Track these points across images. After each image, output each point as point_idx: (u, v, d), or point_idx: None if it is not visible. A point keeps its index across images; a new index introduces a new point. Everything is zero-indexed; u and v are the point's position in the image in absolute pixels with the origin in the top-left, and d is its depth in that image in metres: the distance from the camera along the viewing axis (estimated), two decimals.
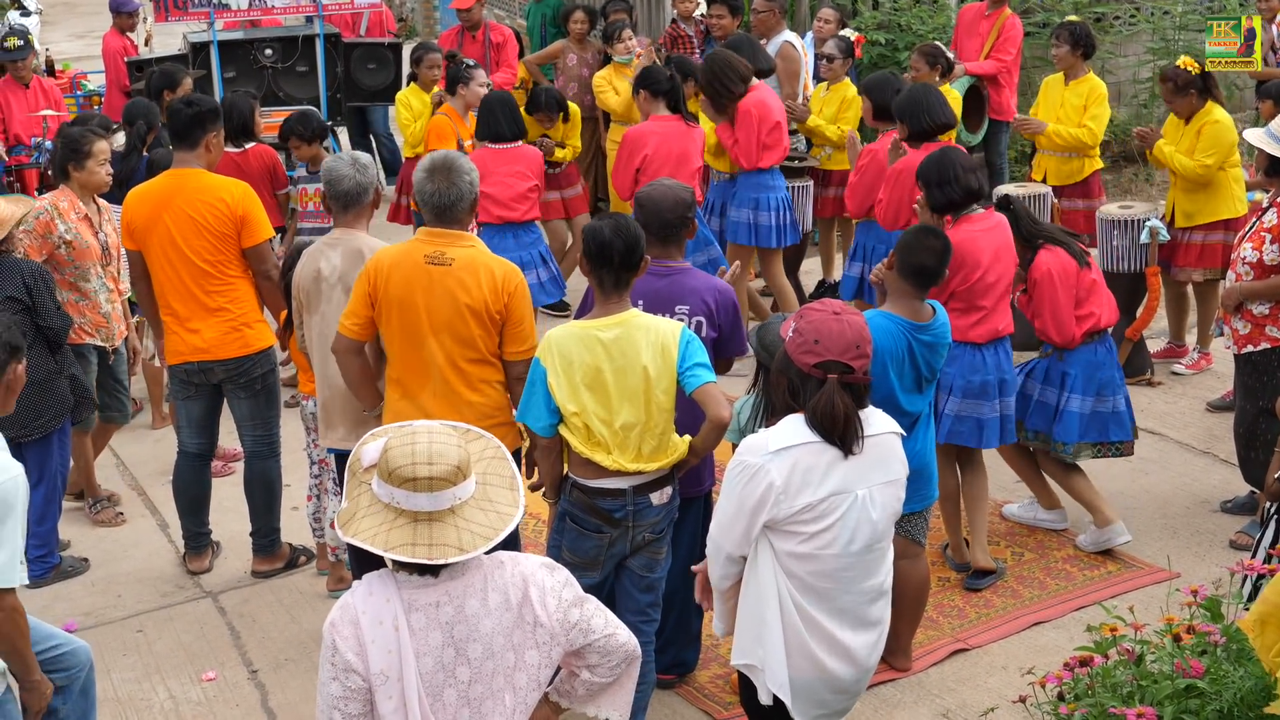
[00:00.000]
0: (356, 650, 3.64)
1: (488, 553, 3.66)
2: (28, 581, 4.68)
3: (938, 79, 9.69)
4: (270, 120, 11.66)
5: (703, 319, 5.89)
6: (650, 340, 5.24)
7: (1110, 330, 7.34)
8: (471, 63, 10.32)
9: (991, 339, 6.77)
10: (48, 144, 10.57)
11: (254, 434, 7.33)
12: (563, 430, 5.31)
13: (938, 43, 10.64)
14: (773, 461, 4.37)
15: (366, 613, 3.66)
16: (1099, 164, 9.97)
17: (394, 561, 3.66)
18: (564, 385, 5.24)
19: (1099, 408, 7.19)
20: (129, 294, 8.04)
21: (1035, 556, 7.25)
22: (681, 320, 5.79)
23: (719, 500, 4.55)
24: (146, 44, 16.08)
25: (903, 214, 7.90)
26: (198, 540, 7.52)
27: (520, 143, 9.35)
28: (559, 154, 10.66)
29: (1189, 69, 8.85)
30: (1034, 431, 7.33)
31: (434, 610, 3.66)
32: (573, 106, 10.93)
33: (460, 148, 9.54)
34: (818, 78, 10.86)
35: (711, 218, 9.82)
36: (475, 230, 7.35)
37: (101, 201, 8.01)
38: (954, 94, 10.17)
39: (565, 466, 5.49)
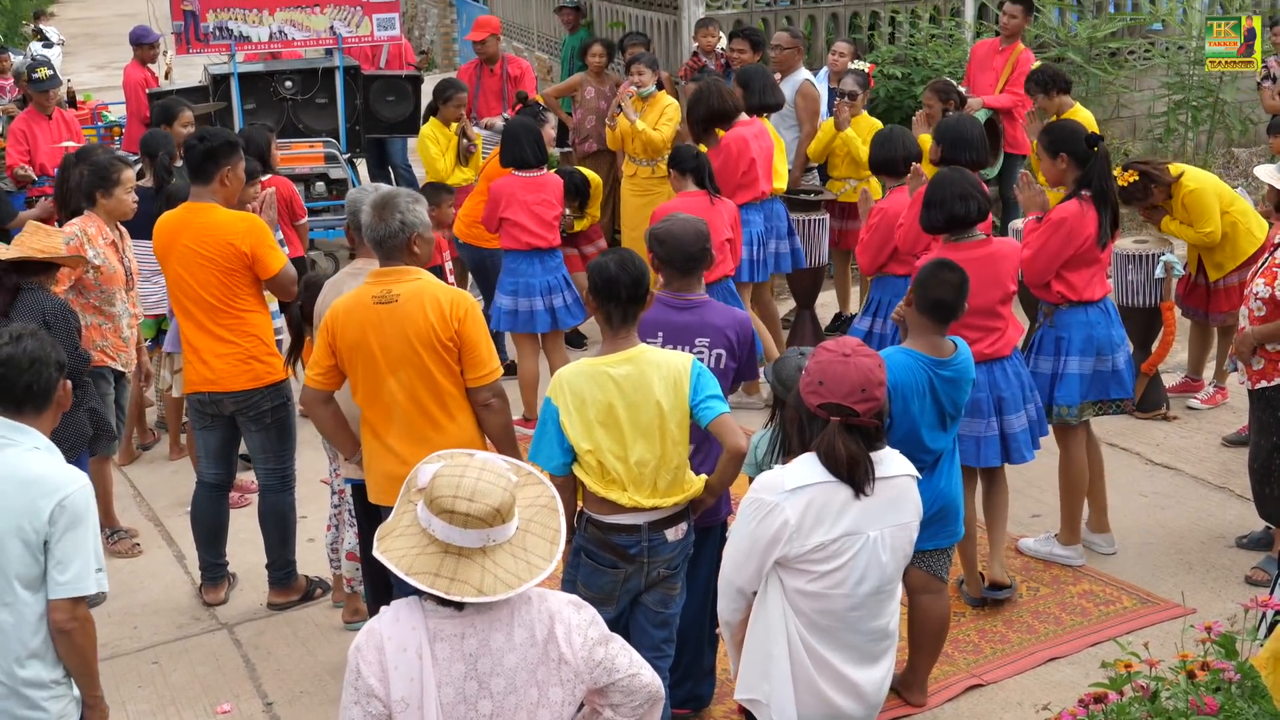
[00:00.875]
0: (379, 676, 3.66)
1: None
2: (106, 590, 4.69)
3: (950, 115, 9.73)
4: (289, 152, 11.77)
5: (723, 351, 5.91)
6: (662, 375, 5.25)
7: (1100, 301, 7.34)
8: (542, 106, 10.31)
9: (981, 360, 6.69)
10: None
11: (266, 467, 7.35)
12: (577, 469, 5.31)
13: (949, 79, 10.68)
14: (788, 500, 4.38)
15: (392, 639, 3.68)
16: None
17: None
18: (577, 423, 5.24)
19: (1099, 367, 7.29)
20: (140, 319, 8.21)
21: (1051, 591, 7.25)
22: (702, 353, 5.81)
23: (732, 535, 4.57)
24: (166, 77, 16.20)
25: (880, 257, 8.05)
26: (214, 572, 7.54)
27: (544, 170, 9.40)
28: (577, 225, 10.69)
29: (1126, 182, 8.75)
30: (1047, 405, 7.41)
31: (459, 641, 3.67)
32: (593, 176, 10.87)
33: None
34: (831, 112, 10.92)
35: None
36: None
37: (122, 227, 8.10)
38: None
39: (580, 502, 5.50)
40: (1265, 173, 7.48)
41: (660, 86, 11.26)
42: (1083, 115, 9.79)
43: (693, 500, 5.47)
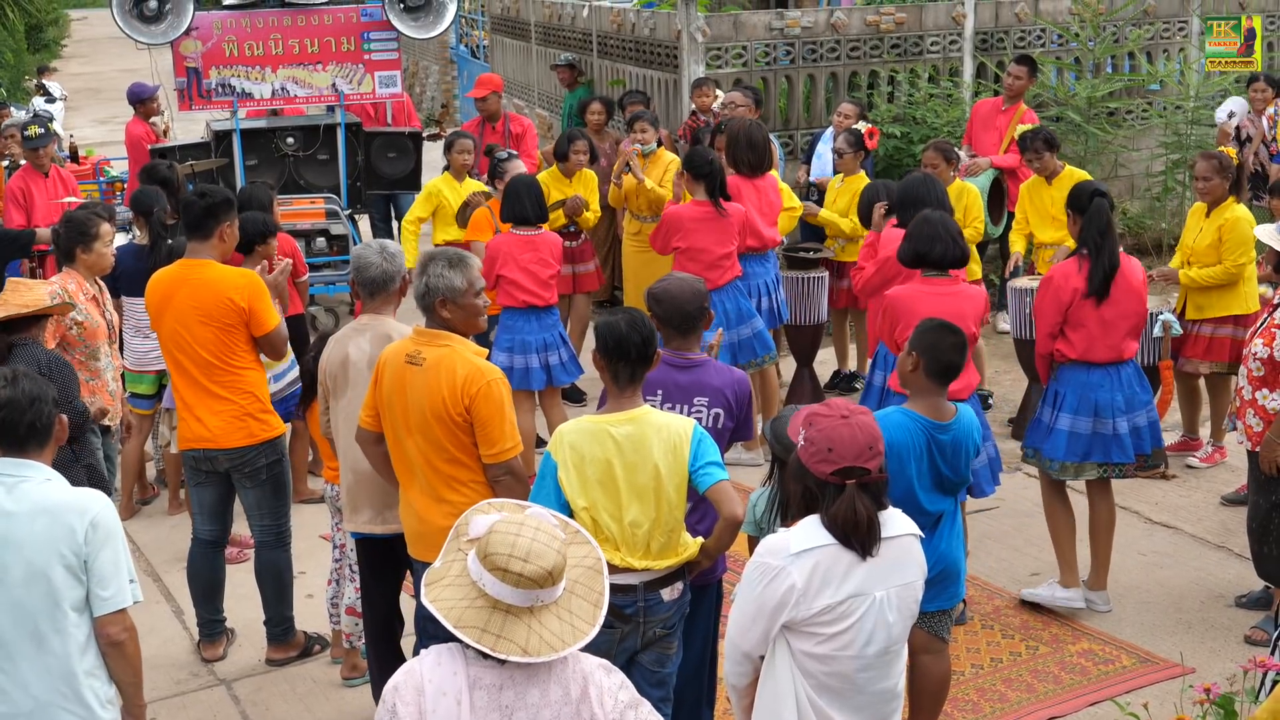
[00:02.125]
0: (416, 717, 3.69)
1: None
2: (140, 599, 4.82)
3: (952, 174, 9.89)
4: (290, 208, 11.82)
5: (721, 411, 5.90)
6: (662, 438, 5.25)
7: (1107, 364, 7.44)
8: (506, 154, 10.42)
9: None
10: None
11: (261, 524, 7.34)
12: None
13: (948, 140, 10.78)
14: (794, 564, 4.36)
15: (432, 682, 3.71)
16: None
17: None
18: (574, 480, 5.24)
19: (1098, 429, 7.39)
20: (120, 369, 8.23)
21: (1050, 650, 7.24)
22: (701, 412, 5.81)
23: (736, 600, 4.54)
24: (165, 134, 16.29)
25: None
26: (212, 628, 7.53)
27: (543, 228, 9.44)
28: (586, 215, 10.87)
29: (1231, 157, 8.95)
30: (1032, 449, 7.62)
31: (496, 692, 3.70)
32: (588, 172, 11.09)
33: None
34: (833, 170, 11.04)
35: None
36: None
37: (100, 282, 8.12)
38: (972, 188, 10.32)
39: None
40: (1266, 233, 7.52)
41: (660, 144, 11.35)
42: (1077, 177, 9.89)
43: (688, 562, 5.46)
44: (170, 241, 8.60)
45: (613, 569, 5.21)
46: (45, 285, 7.50)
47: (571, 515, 5.25)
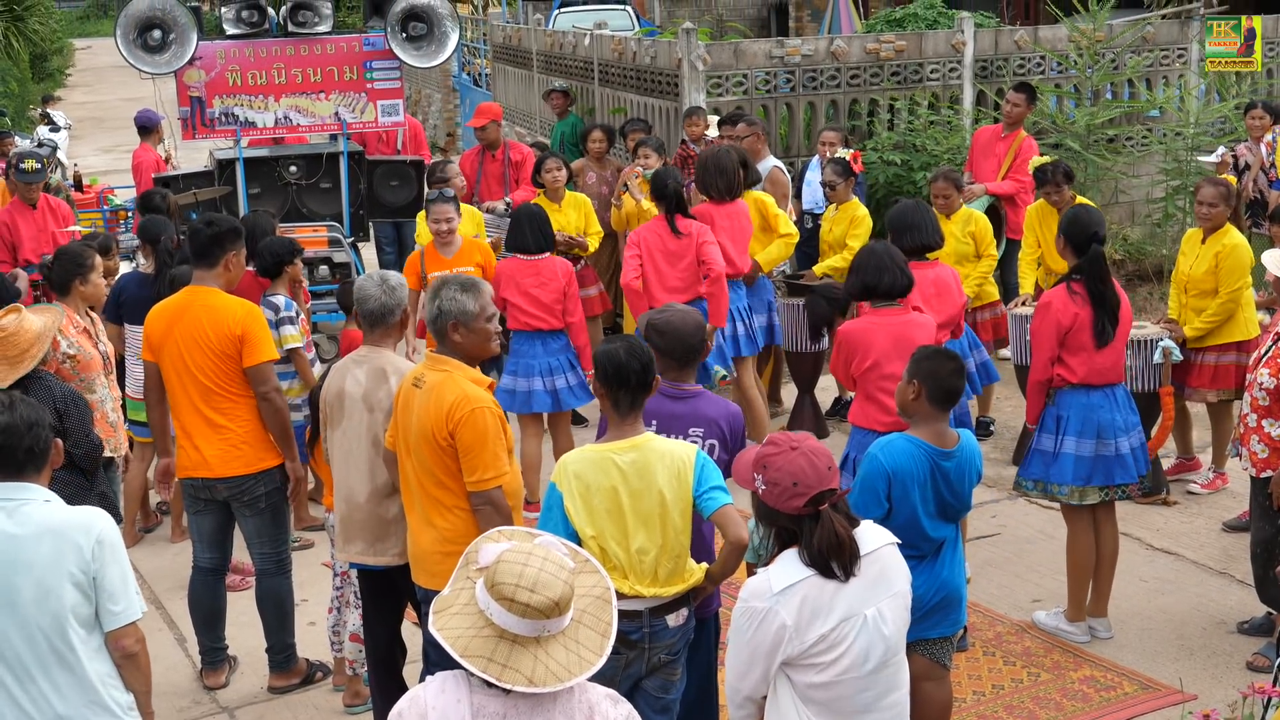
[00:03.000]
0: None
1: None
2: (145, 609, 4.90)
3: (960, 202, 10.15)
4: (293, 237, 11.83)
5: (716, 442, 5.91)
6: (666, 464, 5.27)
7: (1104, 386, 7.48)
8: (436, 194, 10.26)
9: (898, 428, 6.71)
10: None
11: (261, 551, 7.35)
12: None
13: (953, 168, 10.84)
14: (780, 603, 4.36)
15: (436, 709, 3.71)
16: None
17: None
18: (581, 509, 5.26)
19: (1101, 451, 7.40)
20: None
21: (1052, 677, 7.24)
22: (695, 443, 5.81)
23: (730, 646, 4.53)
24: (168, 161, 16.34)
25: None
26: (214, 655, 7.54)
27: (547, 254, 9.49)
28: (587, 239, 11.02)
29: (1233, 184, 9.00)
30: (1032, 481, 7.59)
31: None
32: (580, 197, 11.19)
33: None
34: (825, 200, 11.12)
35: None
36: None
37: (94, 314, 8.12)
38: (980, 216, 10.36)
39: None
40: (1271, 260, 7.53)
41: None
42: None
43: (693, 588, 5.47)
44: (173, 270, 8.63)
45: (620, 596, 5.23)
46: (37, 318, 7.36)
47: (580, 544, 5.26)
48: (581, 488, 5.27)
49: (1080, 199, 10.14)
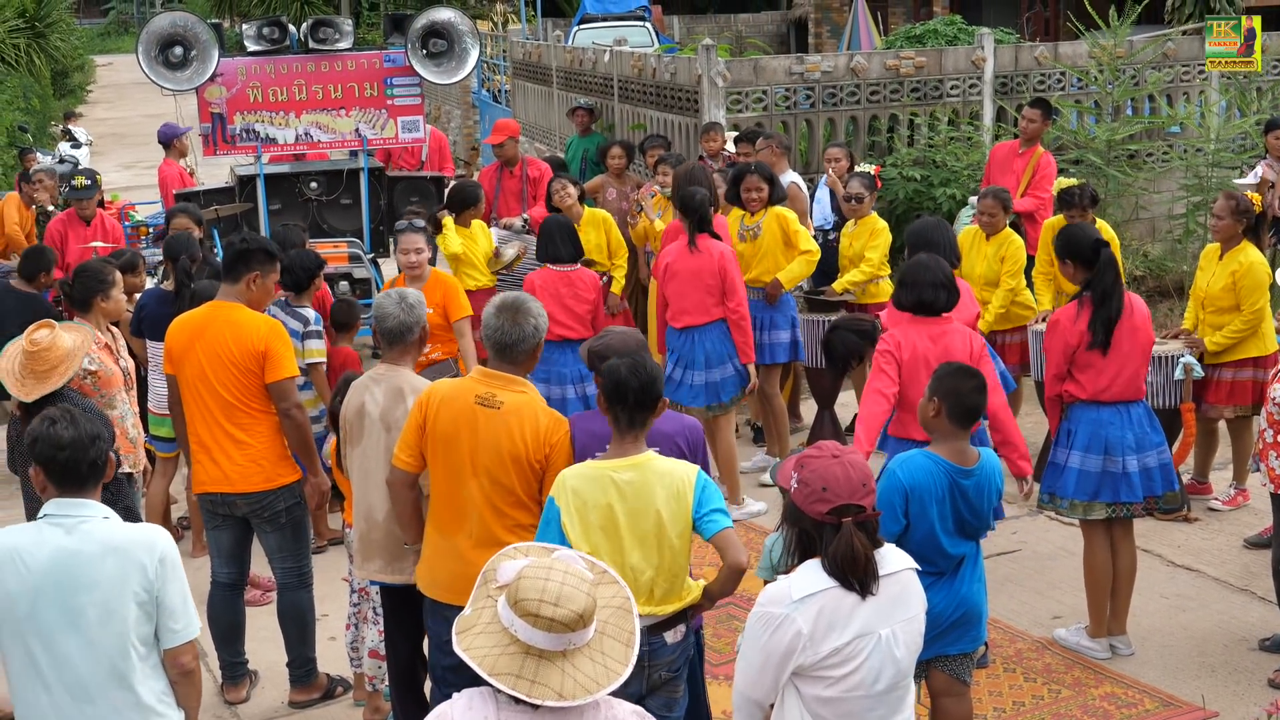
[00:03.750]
0: None
1: None
2: (200, 626, 4.89)
3: (1005, 221, 10.17)
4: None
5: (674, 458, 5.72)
6: (665, 485, 5.22)
7: (1117, 403, 7.47)
8: (405, 224, 10.19)
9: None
10: None
11: (283, 566, 7.36)
12: None
13: (1002, 188, 10.74)
14: (798, 610, 4.37)
15: None
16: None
17: None
18: (577, 525, 5.21)
19: (1109, 467, 7.41)
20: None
21: (1073, 694, 7.22)
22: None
23: (742, 651, 4.52)
24: (191, 176, 16.43)
25: None
26: (234, 670, 7.54)
27: (578, 265, 9.59)
28: (616, 272, 11.01)
29: (1254, 201, 8.96)
30: (1048, 494, 7.62)
31: None
32: (602, 213, 11.22)
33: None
34: (838, 214, 11.14)
35: None
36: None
37: (114, 329, 8.14)
38: (1017, 239, 10.33)
39: None
40: None
41: None
42: (1102, 228, 9.91)
43: (691, 605, 5.42)
44: (194, 286, 8.66)
45: None
46: (69, 336, 7.42)
47: None
48: (579, 503, 5.22)
49: (1105, 225, 10.10)
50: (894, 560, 4.57)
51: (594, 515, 5.21)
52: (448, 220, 10.92)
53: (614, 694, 5.24)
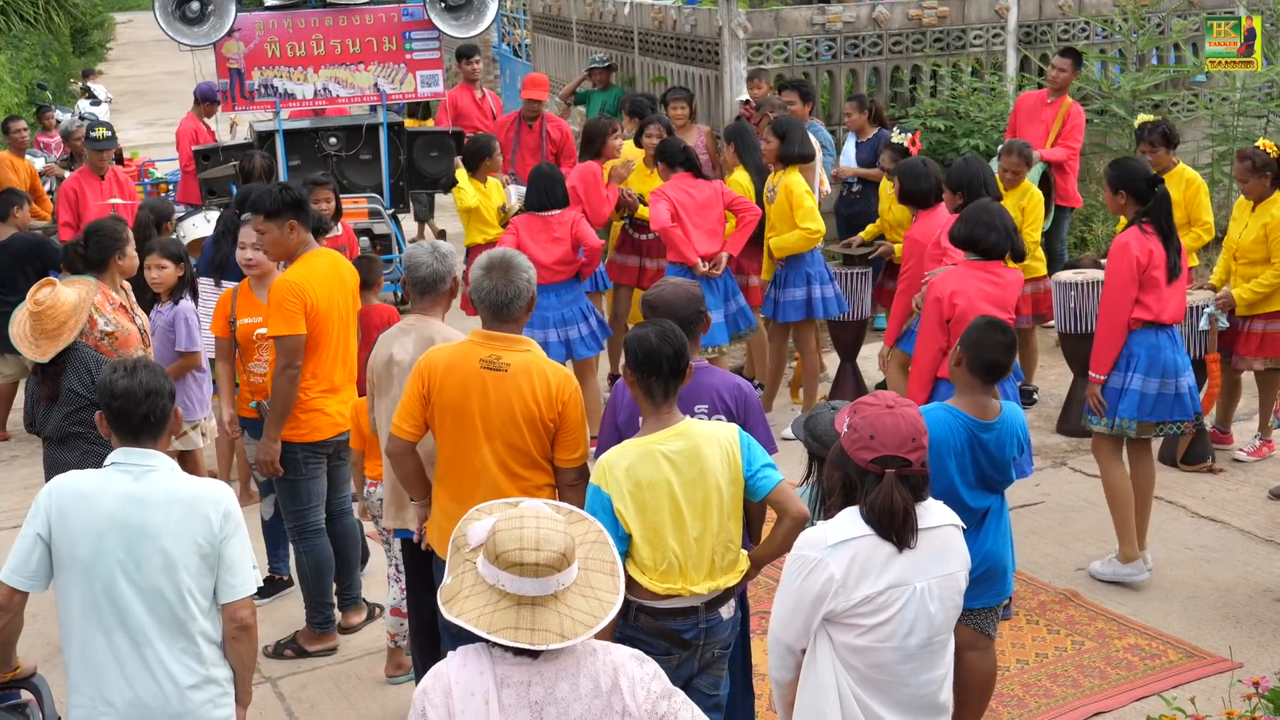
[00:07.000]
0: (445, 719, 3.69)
1: None
2: (262, 584, 4.95)
3: (1026, 174, 10.19)
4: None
5: (722, 416, 5.67)
6: (713, 448, 5.09)
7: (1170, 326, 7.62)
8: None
9: None
10: None
11: (339, 493, 7.67)
12: (630, 566, 5.05)
13: (1025, 141, 10.63)
14: (832, 555, 4.36)
15: (459, 683, 3.71)
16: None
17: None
18: (631, 508, 5.04)
19: (1163, 390, 7.53)
20: None
21: (1096, 645, 7.20)
22: (701, 419, 5.51)
23: (778, 594, 4.52)
24: (231, 130, 16.38)
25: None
26: (349, 594, 7.81)
27: (560, 211, 9.60)
28: (642, 210, 10.78)
29: (1268, 151, 8.87)
30: (1103, 417, 7.69)
31: (525, 689, 3.70)
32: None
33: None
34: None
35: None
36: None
37: (127, 287, 8.16)
38: (1036, 192, 10.26)
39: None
40: None
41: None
42: (1187, 175, 9.86)
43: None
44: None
45: (674, 596, 5.11)
46: (71, 290, 7.33)
47: (629, 546, 5.07)
48: (633, 485, 5.04)
49: (1189, 170, 9.93)
50: (937, 515, 4.54)
51: (650, 494, 5.04)
52: (461, 174, 10.82)
53: (668, 674, 5.20)
